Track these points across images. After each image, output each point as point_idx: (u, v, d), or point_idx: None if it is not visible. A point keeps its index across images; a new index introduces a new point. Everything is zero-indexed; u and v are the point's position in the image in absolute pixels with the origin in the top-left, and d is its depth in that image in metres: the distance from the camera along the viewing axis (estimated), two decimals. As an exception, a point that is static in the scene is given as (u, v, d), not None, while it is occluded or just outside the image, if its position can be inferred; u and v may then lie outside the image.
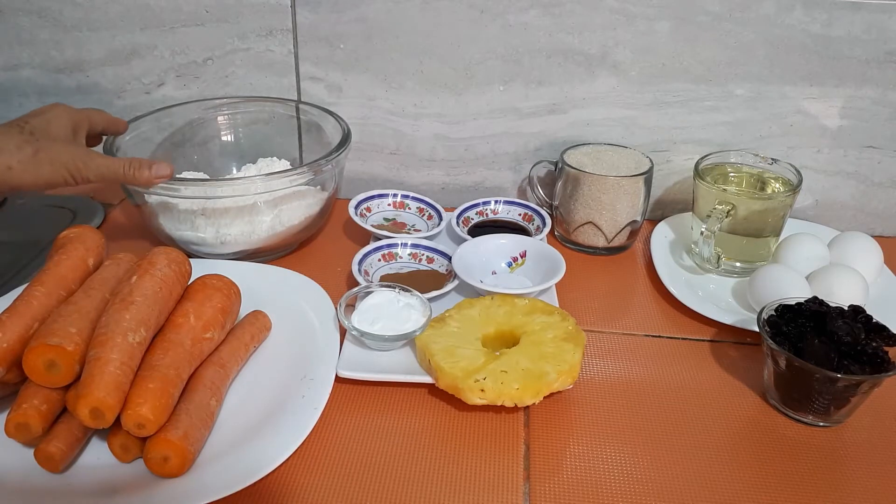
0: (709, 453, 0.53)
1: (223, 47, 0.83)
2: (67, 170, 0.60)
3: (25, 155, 0.59)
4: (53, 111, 0.64)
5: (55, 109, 0.65)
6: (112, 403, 0.45)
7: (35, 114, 0.63)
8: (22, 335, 0.50)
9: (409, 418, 0.56)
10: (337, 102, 0.84)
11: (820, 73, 0.78)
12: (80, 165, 0.61)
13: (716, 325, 0.67)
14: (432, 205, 0.82)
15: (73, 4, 0.82)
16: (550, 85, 0.81)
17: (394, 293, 0.63)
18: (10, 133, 0.60)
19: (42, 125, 0.62)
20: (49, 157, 0.60)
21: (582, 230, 0.78)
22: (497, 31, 0.79)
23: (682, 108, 0.81)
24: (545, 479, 0.51)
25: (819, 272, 0.67)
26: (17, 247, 0.75)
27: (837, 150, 0.82)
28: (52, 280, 0.54)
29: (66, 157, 0.61)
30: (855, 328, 0.54)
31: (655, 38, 0.77)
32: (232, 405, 0.55)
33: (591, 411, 0.57)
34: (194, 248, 0.71)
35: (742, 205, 0.71)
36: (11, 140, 0.59)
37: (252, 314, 0.61)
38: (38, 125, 0.62)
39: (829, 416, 0.56)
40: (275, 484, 0.49)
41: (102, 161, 0.63)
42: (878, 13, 0.74)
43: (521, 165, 0.86)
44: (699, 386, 0.60)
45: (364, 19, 0.79)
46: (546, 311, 0.62)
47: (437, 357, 0.56)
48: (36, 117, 0.63)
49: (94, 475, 0.48)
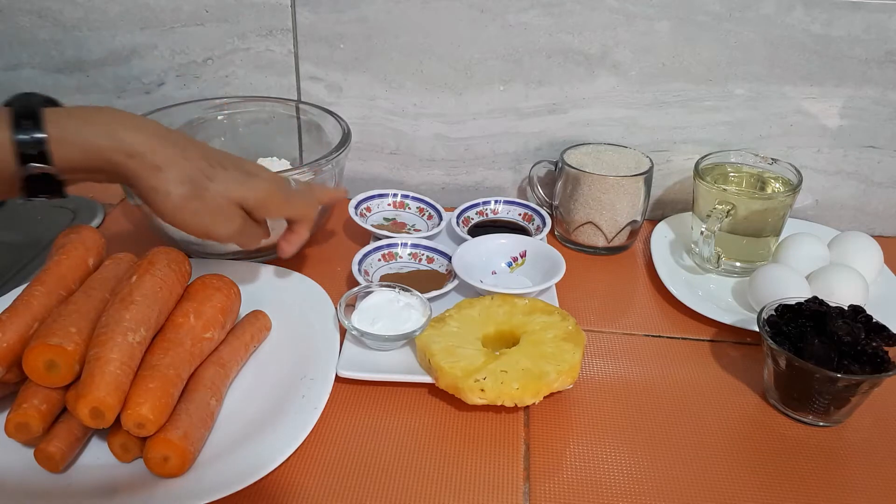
0: (709, 453, 0.53)
1: (223, 47, 0.83)
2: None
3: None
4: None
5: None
6: (112, 403, 0.45)
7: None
8: (22, 335, 0.50)
9: (409, 418, 0.56)
10: (337, 102, 0.84)
11: (820, 73, 0.78)
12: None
13: (716, 324, 0.67)
14: (432, 205, 0.82)
15: (73, 4, 0.82)
16: (550, 85, 0.81)
17: (394, 293, 0.63)
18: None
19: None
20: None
21: (582, 230, 0.78)
22: (497, 30, 0.79)
23: (682, 108, 0.81)
24: (545, 479, 0.51)
25: (819, 272, 0.67)
26: (17, 247, 0.75)
27: (837, 150, 0.82)
28: (52, 280, 0.54)
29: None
30: (855, 328, 0.54)
31: (655, 38, 0.77)
32: (232, 405, 0.55)
33: (591, 411, 0.57)
34: (194, 248, 0.71)
35: (742, 205, 0.71)
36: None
37: (252, 314, 0.61)
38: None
39: (829, 416, 0.56)
40: (275, 484, 0.49)
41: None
42: (878, 13, 0.74)
43: (521, 165, 0.86)
44: (699, 386, 0.60)
45: (364, 19, 0.79)
46: (546, 310, 0.62)
47: (437, 357, 0.56)
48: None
49: (94, 475, 0.48)
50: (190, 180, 0.52)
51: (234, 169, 0.55)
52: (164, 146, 0.51)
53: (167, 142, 0.52)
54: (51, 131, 0.47)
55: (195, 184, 0.52)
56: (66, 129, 0.48)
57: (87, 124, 0.49)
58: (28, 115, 0.47)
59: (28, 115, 0.47)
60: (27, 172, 0.48)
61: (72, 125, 0.48)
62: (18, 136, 0.46)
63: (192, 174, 0.52)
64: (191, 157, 0.53)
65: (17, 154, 0.47)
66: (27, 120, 0.47)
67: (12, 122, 0.47)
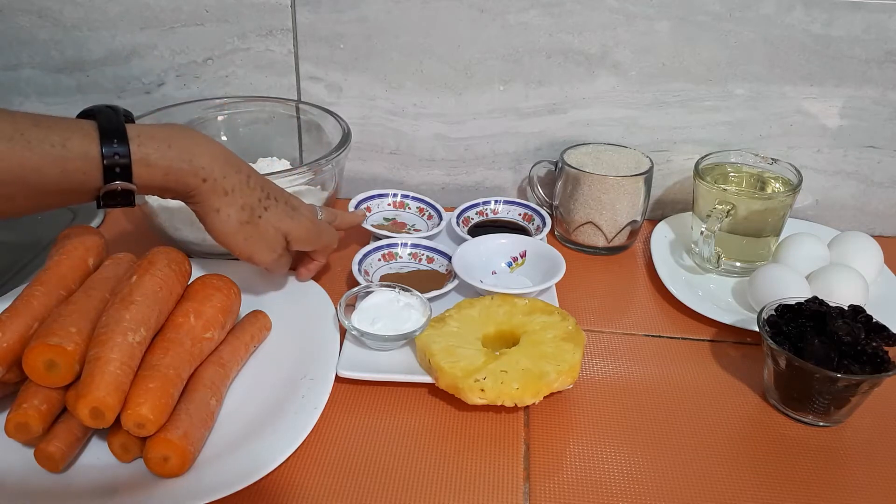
0: (709, 453, 0.53)
1: (223, 47, 0.83)
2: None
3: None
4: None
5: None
6: (112, 403, 0.45)
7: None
8: (22, 335, 0.50)
9: (409, 418, 0.56)
10: (337, 102, 0.84)
11: (820, 73, 0.78)
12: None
13: (716, 324, 0.67)
14: (432, 205, 0.82)
15: (73, 4, 0.82)
16: (550, 85, 0.81)
17: (394, 293, 0.63)
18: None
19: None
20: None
21: (582, 230, 0.78)
22: (497, 30, 0.79)
23: (682, 108, 0.81)
24: (545, 479, 0.51)
25: (819, 272, 0.67)
26: (17, 247, 0.75)
27: (837, 150, 0.82)
28: (52, 280, 0.54)
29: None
30: (855, 328, 0.54)
31: (655, 38, 0.77)
32: (232, 405, 0.55)
33: (591, 411, 0.57)
34: (194, 248, 0.71)
35: (742, 204, 0.71)
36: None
37: (252, 314, 0.61)
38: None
39: (829, 416, 0.56)
40: (275, 484, 0.49)
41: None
42: (878, 13, 0.74)
43: (521, 165, 0.86)
44: (699, 386, 0.60)
45: (364, 19, 0.79)
46: (546, 310, 0.62)
47: (437, 357, 0.56)
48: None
49: (94, 475, 0.48)
50: (249, 207, 0.57)
51: (283, 202, 0.60)
52: (232, 172, 0.55)
53: (234, 168, 0.56)
54: (135, 152, 0.49)
55: (252, 212, 0.57)
56: (150, 151, 0.50)
57: (169, 148, 0.51)
58: (114, 133, 0.49)
59: (114, 132, 0.49)
60: (109, 189, 0.49)
61: (154, 147, 0.51)
62: (105, 153, 0.48)
63: (252, 202, 0.57)
64: (252, 186, 0.57)
65: (103, 170, 0.48)
66: (113, 138, 0.48)
67: (100, 138, 0.48)
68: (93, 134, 0.48)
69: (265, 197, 0.58)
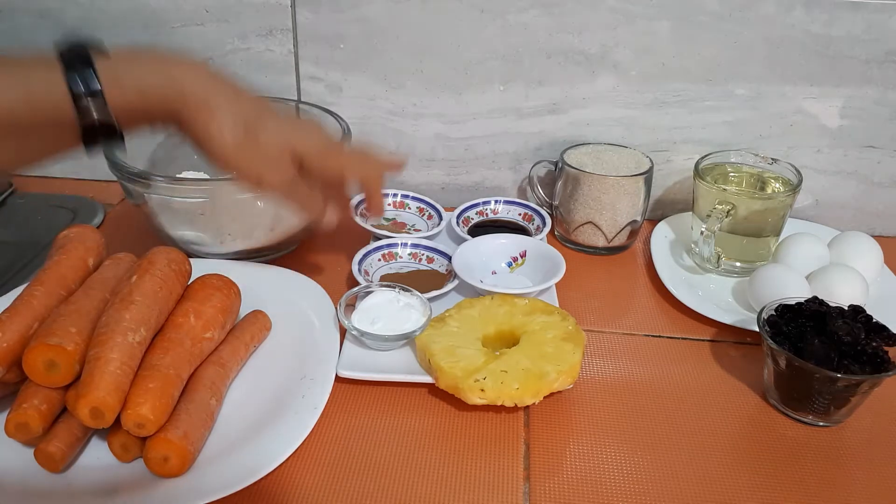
0: (709, 453, 0.53)
1: (223, 47, 0.83)
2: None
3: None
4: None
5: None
6: (112, 403, 0.45)
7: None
8: (22, 335, 0.50)
9: (409, 418, 0.56)
10: (337, 102, 0.84)
11: (820, 73, 0.78)
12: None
13: (716, 324, 0.67)
14: (432, 204, 0.82)
15: (74, 4, 0.82)
16: (550, 85, 0.81)
17: (394, 293, 0.63)
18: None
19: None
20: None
21: (582, 230, 0.78)
22: (497, 30, 0.79)
23: (682, 108, 0.81)
24: (545, 479, 0.51)
25: (819, 272, 0.67)
26: (17, 247, 0.75)
27: (837, 150, 0.82)
28: (52, 280, 0.54)
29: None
30: (855, 328, 0.54)
31: (655, 38, 0.77)
32: (232, 405, 0.55)
33: (591, 411, 0.57)
34: (194, 248, 0.71)
35: (742, 204, 0.71)
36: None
37: (252, 314, 0.61)
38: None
39: (829, 416, 0.56)
40: (275, 484, 0.49)
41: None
42: (878, 13, 0.74)
43: (521, 165, 0.86)
44: (699, 386, 0.60)
45: (364, 19, 0.79)
46: (546, 310, 0.62)
47: (437, 357, 0.56)
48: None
49: (94, 475, 0.48)
50: (244, 124, 0.50)
51: (286, 118, 0.54)
52: (217, 85, 0.49)
53: (219, 82, 0.50)
54: (103, 72, 0.45)
55: (248, 128, 0.50)
56: (120, 71, 0.46)
57: (142, 65, 0.47)
58: (77, 57, 0.45)
59: (77, 56, 0.45)
60: (87, 123, 0.45)
61: (125, 67, 0.46)
62: (69, 77, 0.44)
63: (247, 117, 0.50)
64: (242, 101, 0.51)
65: (72, 98, 0.44)
66: (76, 62, 0.45)
67: (63, 64, 0.44)
68: (55, 63, 0.45)
69: (262, 110, 0.52)
